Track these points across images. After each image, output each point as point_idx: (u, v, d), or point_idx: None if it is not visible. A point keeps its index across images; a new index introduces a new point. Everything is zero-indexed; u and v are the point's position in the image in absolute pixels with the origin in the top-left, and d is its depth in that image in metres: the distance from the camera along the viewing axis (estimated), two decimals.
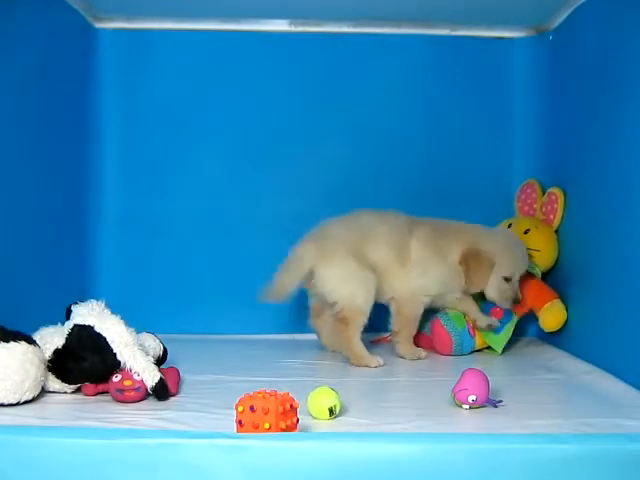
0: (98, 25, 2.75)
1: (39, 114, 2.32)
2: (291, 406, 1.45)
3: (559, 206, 2.52)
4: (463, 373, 1.74)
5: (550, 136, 2.68)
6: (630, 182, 2.00)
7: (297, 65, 2.79)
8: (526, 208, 2.70)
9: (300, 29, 2.78)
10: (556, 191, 2.53)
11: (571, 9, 2.49)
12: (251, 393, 1.46)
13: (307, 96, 2.80)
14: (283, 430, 1.41)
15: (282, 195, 2.78)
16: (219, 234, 2.78)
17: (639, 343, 1.92)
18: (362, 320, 2.28)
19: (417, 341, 2.53)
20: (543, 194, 2.64)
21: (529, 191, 2.70)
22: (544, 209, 2.59)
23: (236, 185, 2.78)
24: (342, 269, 2.29)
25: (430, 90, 2.81)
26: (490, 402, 1.72)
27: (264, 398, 1.43)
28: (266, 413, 1.40)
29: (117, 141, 2.78)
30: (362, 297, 2.28)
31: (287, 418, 1.43)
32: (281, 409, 1.41)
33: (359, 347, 2.25)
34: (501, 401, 1.75)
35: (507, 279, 2.35)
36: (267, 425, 1.40)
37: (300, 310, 2.69)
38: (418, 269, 2.35)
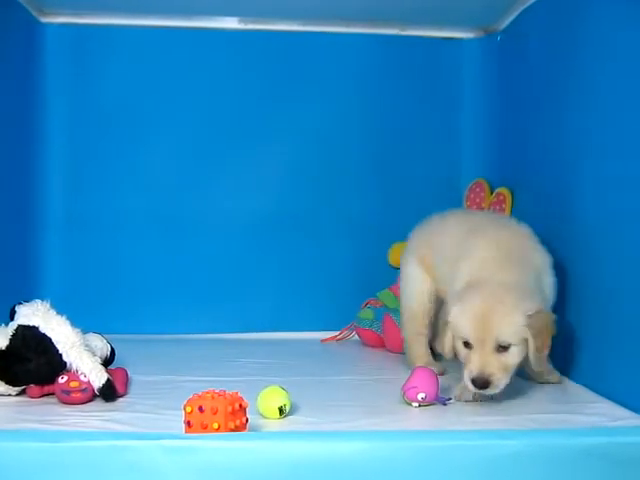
0: (44, 19, 2.69)
1: None
2: (240, 406, 1.44)
3: (507, 205, 2.55)
4: (413, 371, 1.76)
5: (499, 136, 2.71)
6: (577, 182, 2.04)
7: (247, 63, 2.78)
8: (474, 207, 2.72)
9: (250, 27, 2.77)
10: (504, 191, 2.57)
11: (519, 10, 2.52)
12: (200, 393, 1.44)
13: (258, 94, 2.79)
14: (232, 430, 1.40)
15: (234, 194, 2.76)
16: (169, 233, 2.75)
17: (584, 341, 1.97)
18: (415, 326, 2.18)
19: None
20: (491, 193, 2.67)
21: (478, 190, 2.73)
22: (492, 208, 2.63)
23: (187, 184, 2.76)
24: (403, 269, 2.26)
25: (380, 89, 2.82)
26: (439, 399, 1.73)
27: (213, 398, 1.41)
28: (215, 413, 1.39)
29: (64, 139, 2.73)
30: (412, 301, 2.20)
31: (236, 418, 1.42)
32: (230, 409, 1.40)
33: (413, 349, 2.17)
34: (450, 399, 1.76)
35: (466, 344, 1.77)
36: (216, 425, 1.39)
37: (251, 310, 2.69)
38: None
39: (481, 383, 1.71)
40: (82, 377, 1.74)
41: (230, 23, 2.77)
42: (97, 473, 1.27)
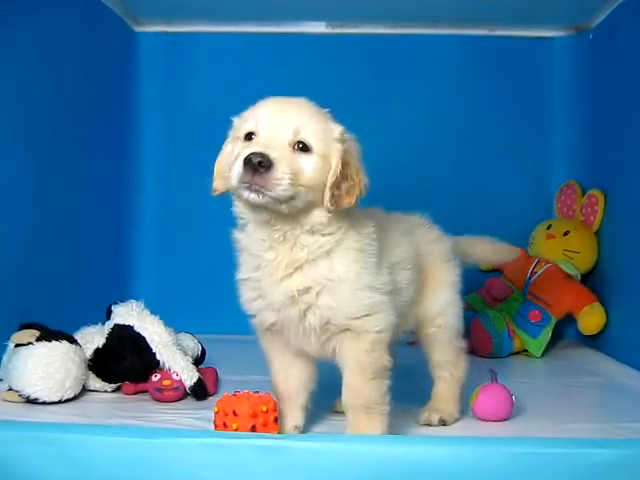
0: (138, 29, 2.79)
1: (81, 117, 2.36)
2: (266, 408, 1.43)
3: (599, 208, 2.49)
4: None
5: (590, 137, 2.64)
6: None
7: (335, 66, 2.80)
8: (565, 209, 2.67)
9: (337, 31, 2.79)
10: (596, 193, 2.50)
11: (612, 7, 2.46)
12: (231, 394, 1.46)
13: (345, 97, 2.78)
14: (252, 430, 1.40)
15: None
16: None
17: None
18: None
19: None
20: (583, 195, 2.60)
21: (569, 192, 2.67)
22: (584, 211, 2.56)
23: None
24: None
25: (468, 90, 2.79)
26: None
27: (235, 400, 1.43)
28: (235, 415, 1.41)
29: (157, 143, 2.81)
30: None
31: (258, 419, 1.42)
32: (250, 411, 1.41)
33: None
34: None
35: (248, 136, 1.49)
36: (235, 426, 1.40)
37: None
38: None
39: (258, 158, 1.34)
40: (174, 376, 1.79)
41: (318, 28, 2.80)
42: (188, 469, 1.30)
